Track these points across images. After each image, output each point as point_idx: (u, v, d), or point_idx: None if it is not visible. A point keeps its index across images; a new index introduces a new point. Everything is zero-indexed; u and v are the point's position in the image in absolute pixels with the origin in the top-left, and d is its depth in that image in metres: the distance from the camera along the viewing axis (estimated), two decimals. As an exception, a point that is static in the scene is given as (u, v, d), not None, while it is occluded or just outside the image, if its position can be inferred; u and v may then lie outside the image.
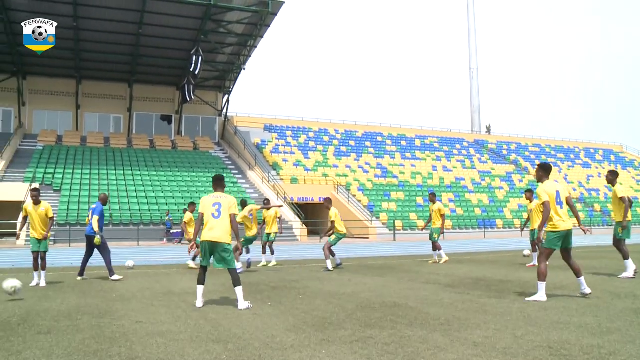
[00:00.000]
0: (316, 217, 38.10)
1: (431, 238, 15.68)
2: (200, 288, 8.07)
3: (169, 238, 30.12)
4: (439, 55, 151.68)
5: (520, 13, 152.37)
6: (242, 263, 13.79)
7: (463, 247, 23.44)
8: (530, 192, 14.63)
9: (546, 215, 8.16)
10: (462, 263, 15.32)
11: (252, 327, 6.33)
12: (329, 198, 14.88)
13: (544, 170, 8.64)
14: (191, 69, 38.87)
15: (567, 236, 8.29)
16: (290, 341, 5.61)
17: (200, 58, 38.44)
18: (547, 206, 8.17)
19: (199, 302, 7.98)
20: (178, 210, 31.46)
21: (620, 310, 7.14)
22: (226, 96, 48.15)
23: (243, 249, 13.60)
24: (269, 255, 15.41)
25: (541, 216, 13.93)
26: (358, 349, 5.22)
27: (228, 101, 47.66)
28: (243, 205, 15.11)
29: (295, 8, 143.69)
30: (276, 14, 37.74)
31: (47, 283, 10.97)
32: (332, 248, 13.97)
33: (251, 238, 14.65)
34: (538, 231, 8.20)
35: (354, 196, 40.47)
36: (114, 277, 11.73)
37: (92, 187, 33.87)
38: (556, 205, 8.26)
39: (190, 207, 15.72)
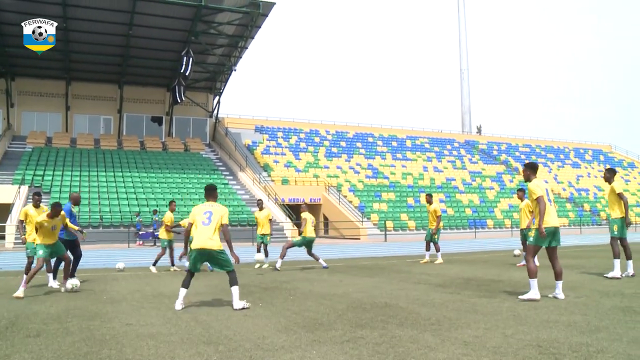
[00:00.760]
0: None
1: (431, 239, 15.70)
2: (182, 291, 8.01)
3: (140, 239, 29.51)
4: (430, 56, 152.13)
5: (510, 14, 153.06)
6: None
7: (454, 247, 23.48)
8: (522, 192, 14.61)
9: (542, 209, 8.12)
10: (453, 263, 15.36)
11: (243, 329, 6.32)
12: (306, 204, 15.81)
13: (532, 169, 8.63)
14: (182, 70, 38.78)
15: (555, 233, 8.27)
16: (281, 342, 5.61)
17: (190, 59, 38.36)
18: (542, 200, 8.16)
19: (179, 305, 7.87)
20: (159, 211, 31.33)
21: (608, 308, 7.19)
22: (217, 97, 48.10)
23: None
24: (263, 256, 15.37)
25: (530, 215, 14.01)
26: (349, 349, 5.23)
27: (219, 102, 47.64)
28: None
29: (286, 9, 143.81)
30: (267, 15, 37.71)
31: (35, 286, 10.82)
32: (318, 253, 14.39)
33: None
34: (538, 226, 8.11)
35: (345, 197, 40.51)
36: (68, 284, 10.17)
37: (82, 189, 33.71)
38: (547, 201, 8.28)
39: (170, 206, 15.32)
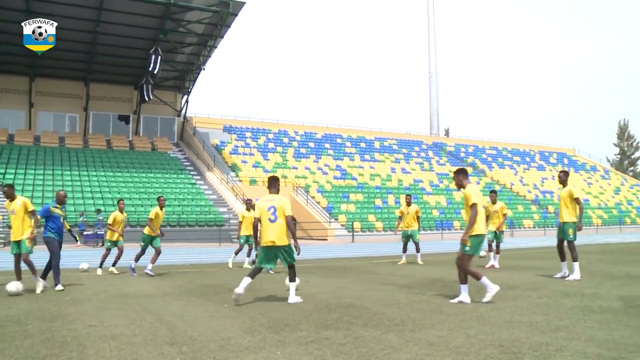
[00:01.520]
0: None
1: (415, 240, 15.80)
2: (246, 279, 8.23)
3: (83, 240, 28.49)
4: (399, 59, 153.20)
5: (479, 19, 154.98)
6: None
7: (421, 249, 23.60)
8: (494, 193, 14.72)
9: (478, 217, 8.01)
10: (420, 264, 15.50)
11: (208, 329, 6.29)
12: (249, 199, 16.10)
13: (464, 174, 8.56)
14: (150, 69, 38.37)
15: (483, 241, 8.33)
16: (245, 343, 5.60)
17: (159, 57, 37.99)
18: (476, 208, 8.02)
19: (241, 289, 8.12)
20: (136, 210, 30.94)
21: (568, 308, 7.35)
22: (185, 96, 47.69)
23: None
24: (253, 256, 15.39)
25: (502, 218, 14.20)
26: (313, 350, 5.24)
27: (187, 101, 47.25)
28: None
29: (256, 9, 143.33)
30: (237, 15, 37.58)
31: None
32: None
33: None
34: (464, 232, 7.98)
35: (313, 197, 40.55)
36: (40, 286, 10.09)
37: (46, 188, 33.11)
38: (481, 208, 8.22)
39: (119, 204, 14.56)
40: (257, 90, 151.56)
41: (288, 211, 8.24)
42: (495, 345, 5.31)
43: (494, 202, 14.41)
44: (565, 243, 11.08)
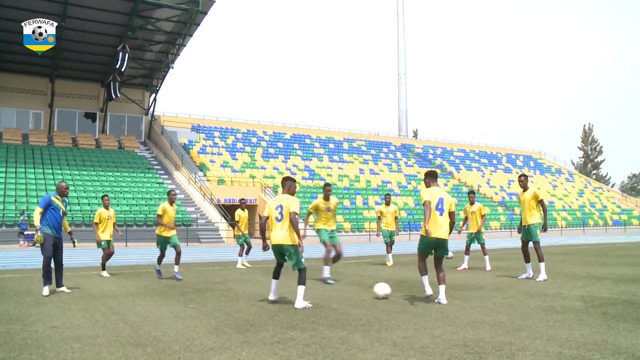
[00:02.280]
0: (244, 219, 37.89)
1: (390, 240, 15.74)
2: (273, 282, 8.38)
3: (25, 239, 27.73)
4: (368, 60, 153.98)
5: (448, 20, 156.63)
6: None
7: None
8: (472, 194, 14.61)
9: (428, 213, 7.90)
10: (387, 265, 15.56)
11: (173, 330, 6.24)
12: (243, 199, 16.00)
13: (432, 177, 8.43)
14: (117, 66, 37.80)
15: (439, 245, 8.14)
16: (210, 343, 5.56)
17: (126, 55, 37.46)
18: (428, 205, 7.94)
19: (272, 296, 8.38)
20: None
21: (532, 308, 7.47)
22: (153, 95, 47.13)
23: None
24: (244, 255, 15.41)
25: (481, 220, 14.28)
26: (278, 350, 5.24)
27: (155, 100, 46.70)
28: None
29: (225, 8, 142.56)
30: (206, 13, 37.34)
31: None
32: (254, 254, 14.36)
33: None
34: (422, 227, 8.08)
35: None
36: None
37: (8, 187, 32.43)
38: (435, 210, 8.04)
39: (103, 200, 13.29)
40: (226, 89, 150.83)
41: (292, 208, 7.92)
42: (459, 345, 5.37)
43: (472, 203, 14.30)
44: (530, 244, 11.27)
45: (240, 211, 15.52)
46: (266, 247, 8.27)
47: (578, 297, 8.41)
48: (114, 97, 41.72)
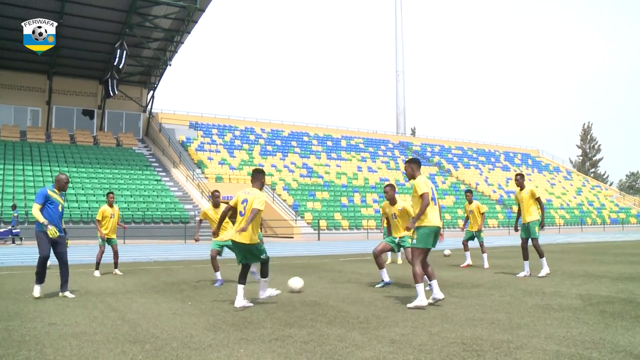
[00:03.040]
0: (242, 216, 37.93)
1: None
2: (240, 287, 7.69)
3: (2, 237, 27.12)
4: (367, 57, 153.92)
5: (446, 18, 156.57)
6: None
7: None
8: (470, 193, 14.56)
9: (424, 206, 7.54)
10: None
11: (171, 327, 6.24)
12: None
13: (417, 164, 7.95)
14: (115, 63, 37.74)
15: (437, 234, 7.68)
16: (208, 340, 5.56)
17: (124, 52, 37.40)
18: (426, 197, 7.56)
19: (239, 303, 7.55)
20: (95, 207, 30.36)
21: (530, 306, 7.47)
22: (151, 92, 47.14)
23: None
24: None
25: (480, 218, 14.19)
26: (276, 348, 5.23)
27: (153, 97, 46.72)
28: None
29: (223, 5, 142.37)
30: (204, 10, 37.27)
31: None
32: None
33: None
34: (413, 222, 7.57)
35: (279, 195, 40.51)
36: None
37: (6, 184, 32.37)
38: (431, 200, 7.68)
39: (108, 198, 12.79)
40: (224, 87, 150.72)
41: (256, 204, 7.57)
42: (457, 343, 5.37)
43: (470, 202, 14.27)
44: (530, 242, 11.35)
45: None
46: (216, 234, 8.36)
47: (576, 295, 8.42)
48: (112, 95, 41.65)
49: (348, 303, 7.94)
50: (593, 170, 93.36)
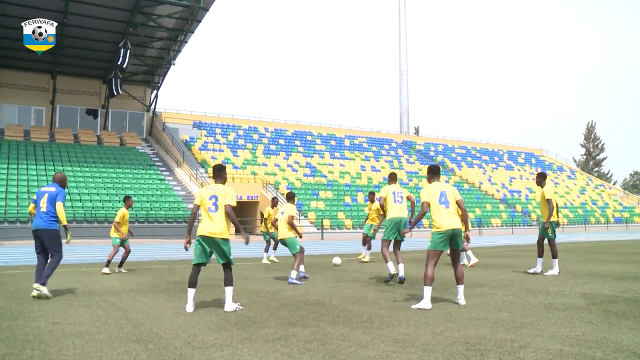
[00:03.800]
0: (245, 216, 37.99)
1: (370, 235, 15.71)
2: (191, 291, 7.42)
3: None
4: (370, 57, 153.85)
5: (450, 17, 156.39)
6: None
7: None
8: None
9: (420, 214, 7.80)
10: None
11: (174, 326, 6.25)
12: (275, 197, 16.16)
13: (432, 172, 8.14)
14: (119, 62, 37.73)
15: (454, 236, 7.62)
16: (212, 340, 5.56)
17: (128, 51, 37.40)
18: (424, 207, 7.76)
19: (189, 307, 7.33)
20: (112, 207, 30.33)
21: (533, 305, 7.47)
22: (155, 91, 47.12)
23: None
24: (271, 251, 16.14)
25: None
26: (280, 347, 5.24)
27: (157, 96, 46.68)
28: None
29: (227, 4, 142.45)
30: (208, 10, 37.25)
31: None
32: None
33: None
34: (409, 228, 8.33)
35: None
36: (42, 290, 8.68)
37: (10, 183, 32.42)
38: (439, 204, 7.68)
39: (126, 202, 13.38)
40: (227, 86, 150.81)
41: (228, 200, 7.52)
42: (461, 342, 5.37)
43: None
44: (545, 240, 11.45)
45: (269, 208, 15.89)
46: (189, 243, 7.88)
47: (579, 295, 8.41)
48: (116, 94, 41.66)
49: (351, 302, 7.95)
50: (597, 169, 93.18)
